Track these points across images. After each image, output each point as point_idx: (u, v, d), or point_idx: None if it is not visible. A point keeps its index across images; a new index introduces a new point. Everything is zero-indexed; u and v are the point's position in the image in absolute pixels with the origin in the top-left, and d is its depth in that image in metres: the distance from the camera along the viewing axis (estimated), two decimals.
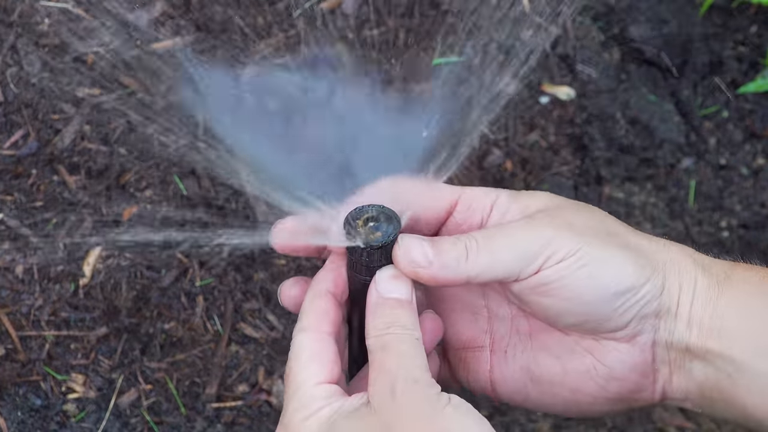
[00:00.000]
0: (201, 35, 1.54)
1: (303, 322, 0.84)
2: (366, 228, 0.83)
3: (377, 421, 0.77)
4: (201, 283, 1.40)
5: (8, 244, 1.39)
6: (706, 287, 0.85)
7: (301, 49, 1.55)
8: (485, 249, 0.81)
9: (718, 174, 1.58)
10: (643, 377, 0.87)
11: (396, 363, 0.79)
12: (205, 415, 1.33)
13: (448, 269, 0.81)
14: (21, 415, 1.30)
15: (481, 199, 0.87)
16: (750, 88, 1.61)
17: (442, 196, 0.88)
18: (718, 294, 0.85)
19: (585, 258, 0.82)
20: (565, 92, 1.59)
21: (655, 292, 0.84)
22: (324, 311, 0.85)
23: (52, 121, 1.46)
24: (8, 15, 1.52)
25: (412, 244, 0.82)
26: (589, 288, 0.82)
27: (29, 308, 1.36)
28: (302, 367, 0.82)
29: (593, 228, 0.84)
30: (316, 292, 0.86)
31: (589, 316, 0.84)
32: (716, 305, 0.84)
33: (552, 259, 0.81)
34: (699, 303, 0.85)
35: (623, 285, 0.82)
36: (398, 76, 1.57)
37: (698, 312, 0.85)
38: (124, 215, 1.41)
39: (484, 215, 0.87)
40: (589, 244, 0.82)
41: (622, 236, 0.85)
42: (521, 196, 0.87)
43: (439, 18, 1.61)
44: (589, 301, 0.83)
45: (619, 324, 0.84)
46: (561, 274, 0.81)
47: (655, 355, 0.86)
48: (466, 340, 0.93)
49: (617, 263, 0.83)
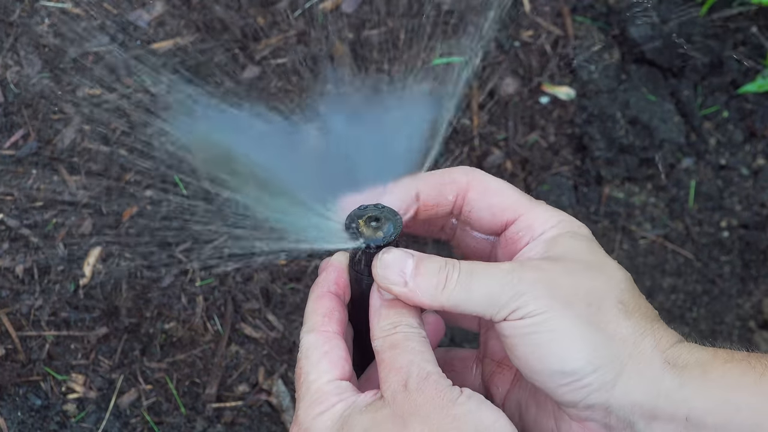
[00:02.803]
0: (201, 35, 1.54)
1: (309, 323, 0.84)
2: (368, 227, 0.83)
3: (392, 414, 0.78)
4: (201, 283, 1.40)
5: (8, 244, 1.39)
6: (676, 387, 0.81)
7: (301, 49, 1.55)
8: (462, 285, 0.81)
9: (718, 174, 1.58)
10: None
11: (407, 359, 0.80)
12: (205, 415, 1.33)
13: (422, 295, 0.81)
14: (21, 415, 1.30)
15: (537, 226, 0.86)
16: (750, 88, 1.61)
17: (503, 206, 0.87)
18: (693, 394, 0.81)
19: (542, 325, 0.79)
20: (565, 92, 1.59)
21: (604, 384, 0.80)
22: (329, 311, 0.85)
23: (52, 121, 1.46)
24: (8, 15, 1.52)
25: (394, 259, 0.82)
26: (534, 356, 0.80)
27: (29, 308, 1.36)
28: (313, 365, 0.82)
29: (577, 296, 0.81)
30: (319, 293, 0.86)
31: (537, 382, 0.82)
32: (691, 406, 0.80)
33: (515, 314, 0.80)
34: (667, 403, 0.81)
35: (567, 366, 0.80)
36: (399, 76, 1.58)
37: (666, 412, 0.81)
38: (124, 215, 1.41)
39: (530, 240, 0.87)
40: (555, 311, 0.80)
41: (604, 313, 0.82)
42: (562, 236, 0.85)
43: (439, 18, 1.61)
44: (534, 369, 0.81)
45: (565, 402, 0.82)
46: (515, 332, 0.80)
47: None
48: (502, 357, 0.93)
49: (569, 342, 0.80)
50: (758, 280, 1.54)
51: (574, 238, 0.85)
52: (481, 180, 0.87)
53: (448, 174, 0.87)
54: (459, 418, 0.77)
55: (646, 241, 1.54)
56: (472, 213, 0.87)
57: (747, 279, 1.54)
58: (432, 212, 0.87)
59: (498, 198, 0.87)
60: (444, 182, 0.86)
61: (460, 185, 0.87)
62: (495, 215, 0.87)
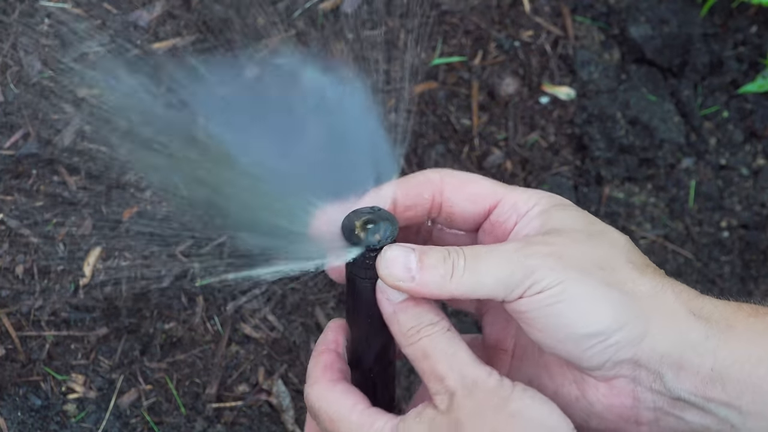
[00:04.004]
0: (201, 35, 1.54)
1: (311, 378, 0.85)
2: (365, 230, 0.82)
3: (447, 421, 0.78)
4: (201, 283, 1.40)
5: (8, 244, 1.39)
6: (702, 338, 0.81)
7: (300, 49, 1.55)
8: (470, 270, 0.80)
9: (718, 174, 1.58)
10: (623, 420, 0.85)
11: (445, 366, 0.79)
12: (205, 415, 1.33)
13: (431, 286, 0.80)
14: (21, 415, 1.30)
15: (520, 206, 0.86)
16: (750, 88, 1.61)
17: (482, 194, 0.87)
18: (718, 345, 0.81)
19: (562, 294, 0.79)
20: (565, 92, 1.59)
21: (632, 340, 0.81)
22: (330, 363, 0.85)
23: (52, 121, 1.46)
24: (8, 15, 1.52)
25: (398, 255, 0.81)
26: (559, 325, 0.80)
27: (29, 308, 1.36)
28: (340, 404, 0.82)
29: (588, 261, 0.81)
30: (318, 351, 0.87)
31: (561, 352, 0.82)
32: (716, 356, 0.81)
33: (531, 290, 0.80)
34: (694, 354, 0.81)
35: (593, 328, 0.80)
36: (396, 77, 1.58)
37: (693, 363, 0.81)
38: (124, 215, 1.41)
39: (517, 220, 0.86)
40: (572, 279, 0.80)
41: (619, 274, 0.82)
42: (552, 211, 0.86)
43: (439, 18, 1.61)
44: (559, 339, 0.81)
45: (592, 365, 0.82)
46: (535, 306, 0.80)
47: (636, 401, 0.84)
48: (497, 340, 0.93)
49: (592, 305, 0.80)
50: (758, 280, 1.54)
51: (564, 210, 0.85)
52: (454, 175, 0.87)
53: (421, 175, 0.87)
54: (515, 415, 0.77)
55: (646, 241, 1.54)
56: (453, 207, 0.87)
57: (747, 279, 1.54)
58: (411, 215, 0.86)
59: (475, 186, 0.87)
60: (419, 183, 0.86)
61: (434, 183, 0.86)
62: (476, 203, 0.87)
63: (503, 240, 0.86)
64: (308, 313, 1.41)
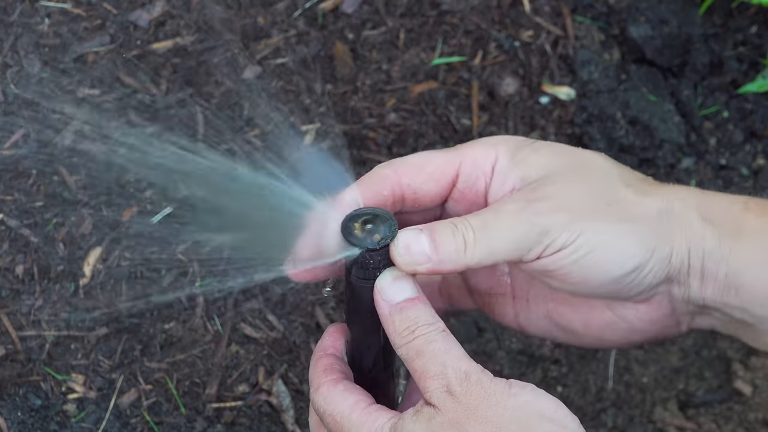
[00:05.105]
0: (201, 35, 1.54)
1: (314, 383, 0.85)
2: (364, 231, 0.82)
3: (448, 421, 0.77)
4: (201, 283, 1.40)
5: (8, 244, 1.39)
6: (716, 245, 0.83)
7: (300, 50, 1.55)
8: (482, 240, 0.80)
9: (718, 174, 1.58)
10: (664, 328, 0.87)
11: (439, 363, 0.79)
12: (205, 415, 1.33)
13: (447, 263, 0.80)
14: (21, 415, 1.30)
15: (482, 164, 0.85)
16: (750, 88, 1.61)
17: (441, 169, 0.86)
18: (730, 251, 0.83)
19: (585, 246, 0.80)
20: (565, 92, 1.59)
21: (663, 262, 0.83)
22: (329, 365, 0.85)
23: (52, 121, 1.46)
24: (8, 15, 1.52)
25: (410, 241, 0.81)
26: (592, 274, 0.81)
27: (29, 308, 1.36)
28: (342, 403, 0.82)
29: (593, 202, 0.82)
30: (317, 356, 0.87)
31: (599, 293, 0.83)
32: (729, 263, 0.83)
33: (550, 248, 0.80)
34: (711, 262, 0.83)
35: (628, 266, 0.81)
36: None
37: (711, 270, 0.83)
38: (124, 215, 1.41)
39: (487, 181, 0.86)
40: (588, 228, 0.80)
41: (626, 203, 0.83)
42: (520, 156, 0.84)
43: (439, 18, 1.61)
44: (595, 285, 0.82)
45: (632, 295, 0.84)
46: (561, 263, 0.81)
47: (674, 310, 0.86)
48: (488, 286, 0.93)
49: (620, 245, 0.81)
50: None
51: (532, 153, 0.85)
52: (406, 162, 0.86)
53: (374, 174, 0.86)
54: (518, 409, 0.77)
55: None
56: (417, 193, 0.86)
57: None
58: None
59: (430, 165, 0.86)
60: (374, 182, 0.85)
61: (389, 178, 0.86)
62: (438, 180, 0.86)
63: (479, 204, 0.86)
64: (308, 313, 1.41)
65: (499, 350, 1.43)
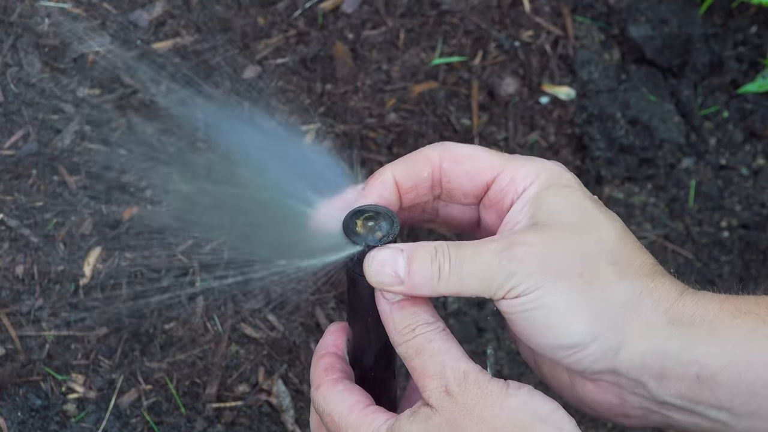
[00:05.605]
0: (201, 35, 1.54)
1: (315, 381, 0.85)
2: (366, 228, 0.82)
3: (446, 421, 0.77)
4: (201, 283, 1.40)
5: (8, 244, 1.39)
6: (683, 348, 0.80)
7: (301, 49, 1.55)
8: (455, 275, 0.80)
9: (718, 174, 1.58)
10: (612, 413, 0.84)
11: (438, 363, 0.79)
12: (205, 415, 1.33)
13: (418, 288, 0.80)
14: (21, 415, 1.30)
15: (517, 183, 0.84)
16: (750, 88, 1.61)
17: (479, 170, 0.85)
18: (702, 353, 0.80)
19: (537, 302, 0.79)
20: (565, 92, 1.59)
21: (606, 352, 0.80)
22: (330, 365, 0.85)
23: (52, 121, 1.46)
24: (8, 15, 1.52)
25: (386, 260, 0.81)
26: (535, 332, 0.80)
27: (29, 308, 1.36)
28: (341, 403, 0.82)
29: (568, 264, 0.80)
30: (319, 355, 0.87)
31: (545, 354, 0.81)
32: (701, 365, 0.79)
33: (511, 293, 0.79)
34: (675, 364, 0.80)
35: (565, 341, 0.79)
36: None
37: (676, 372, 0.80)
38: (124, 215, 1.41)
39: (513, 200, 0.85)
40: (549, 287, 0.79)
41: (598, 279, 0.80)
42: (545, 194, 0.83)
43: (439, 18, 1.61)
44: (537, 344, 0.80)
45: (572, 370, 0.82)
46: (514, 309, 0.80)
47: (623, 401, 0.83)
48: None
49: (565, 316, 0.79)
50: (758, 280, 1.54)
51: (558, 195, 0.83)
52: (452, 149, 0.86)
53: (419, 153, 0.85)
54: (514, 410, 0.77)
55: (646, 241, 1.54)
56: (451, 183, 0.86)
57: (747, 279, 1.54)
58: (413, 195, 0.86)
59: (472, 162, 0.85)
60: (416, 161, 0.85)
61: (432, 160, 0.85)
62: (473, 179, 0.86)
63: (500, 217, 0.86)
64: (308, 313, 1.41)
65: (499, 350, 1.43)
